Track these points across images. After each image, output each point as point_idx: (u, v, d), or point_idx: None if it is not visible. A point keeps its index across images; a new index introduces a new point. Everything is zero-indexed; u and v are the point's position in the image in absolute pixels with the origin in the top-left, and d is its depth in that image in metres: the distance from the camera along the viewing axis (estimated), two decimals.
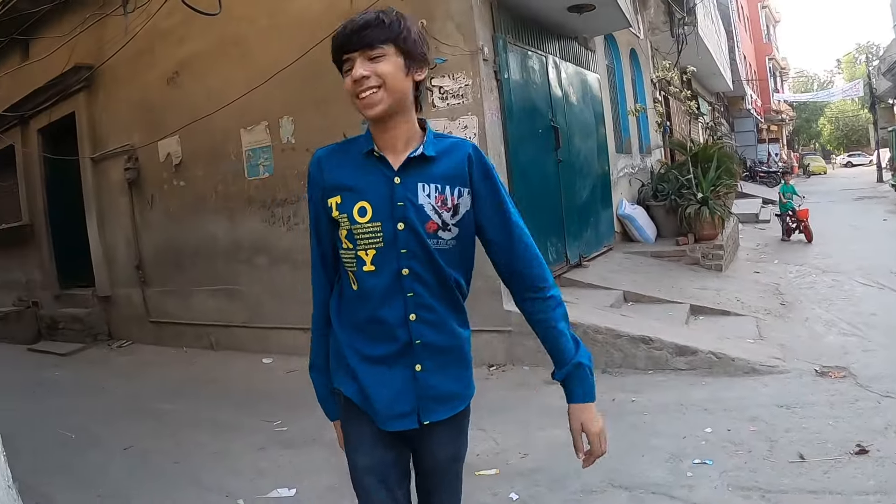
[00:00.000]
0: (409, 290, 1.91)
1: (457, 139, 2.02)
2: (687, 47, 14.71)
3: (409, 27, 1.89)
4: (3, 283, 13.31)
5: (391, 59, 1.85)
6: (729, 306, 7.52)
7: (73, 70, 10.07)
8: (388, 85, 1.84)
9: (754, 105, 37.20)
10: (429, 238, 1.90)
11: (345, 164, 1.98)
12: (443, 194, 1.92)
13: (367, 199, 1.91)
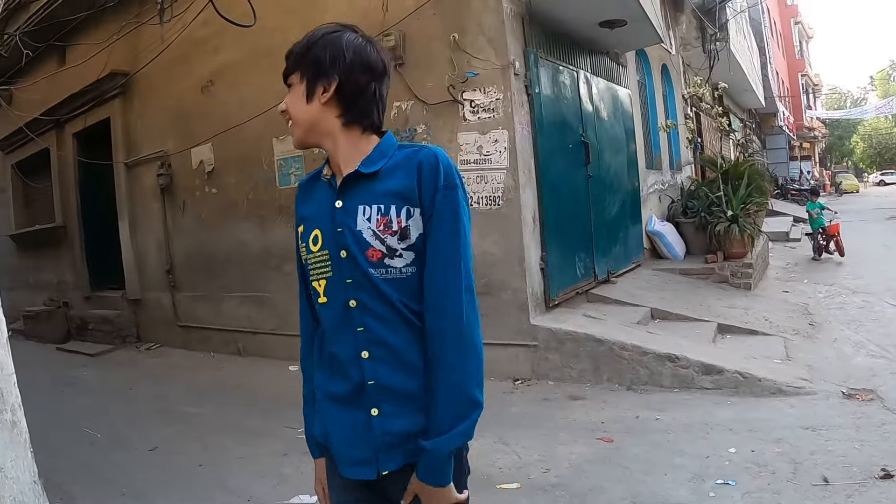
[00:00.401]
0: (360, 325, 1.74)
1: (417, 147, 1.81)
2: (719, 63, 14.63)
3: (316, 46, 1.78)
4: (35, 283, 13.53)
5: (295, 89, 1.79)
6: (757, 325, 7.46)
7: (109, 76, 10.22)
8: (293, 117, 1.80)
9: (786, 122, 36.88)
10: (372, 268, 1.71)
11: (311, 191, 1.90)
12: (386, 216, 1.72)
13: (319, 226, 1.81)
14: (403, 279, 1.72)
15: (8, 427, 2.57)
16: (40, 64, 11.43)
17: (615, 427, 5.08)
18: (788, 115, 38.67)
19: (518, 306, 6.49)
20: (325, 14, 7.39)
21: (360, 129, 1.80)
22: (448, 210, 1.72)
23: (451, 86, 6.64)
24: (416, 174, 1.73)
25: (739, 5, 16.30)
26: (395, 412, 1.73)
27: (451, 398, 1.67)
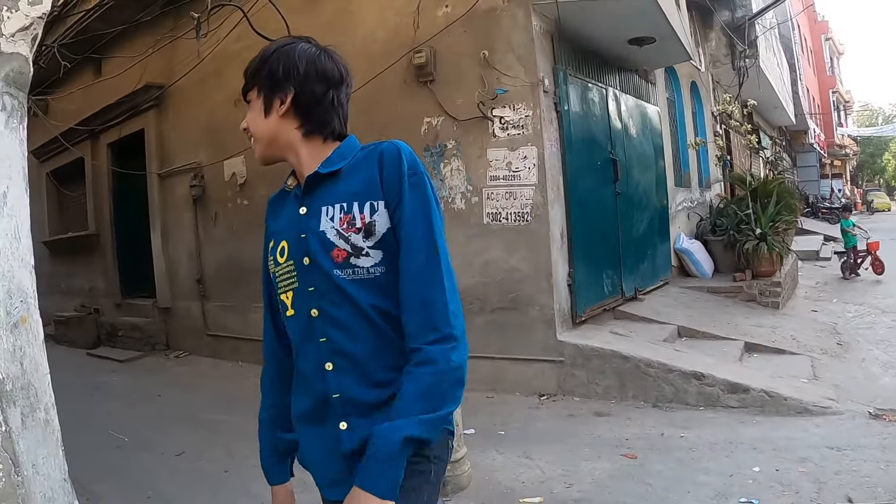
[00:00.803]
0: (322, 335, 1.68)
1: (378, 143, 1.73)
2: (748, 80, 14.60)
3: (270, 60, 1.78)
4: (67, 288, 13.73)
5: (254, 105, 1.78)
6: (784, 345, 7.43)
7: (144, 89, 10.41)
8: (253, 134, 1.78)
9: (817, 139, 36.58)
10: (338, 268, 1.64)
11: (280, 205, 1.87)
12: (349, 213, 1.66)
13: (286, 237, 1.77)
14: (371, 279, 1.64)
15: (41, 425, 2.65)
16: (76, 75, 11.62)
17: (639, 444, 5.10)
18: (819, 133, 38.35)
19: (545, 322, 6.53)
20: (357, 30, 7.51)
21: (322, 139, 1.78)
22: (417, 198, 1.65)
23: (481, 102, 6.71)
24: (377, 166, 1.68)
25: (769, 22, 16.25)
26: (365, 425, 1.61)
27: (424, 384, 1.55)
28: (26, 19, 2.50)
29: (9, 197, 2.55)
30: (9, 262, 2.53)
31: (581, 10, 6.74)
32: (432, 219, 1.66)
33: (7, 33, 2.45)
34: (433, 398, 1.54)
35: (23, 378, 2.56)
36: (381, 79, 7.10)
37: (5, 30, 2.44)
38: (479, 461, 4.82)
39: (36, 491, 2.50)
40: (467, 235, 6.90)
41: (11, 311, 2.53)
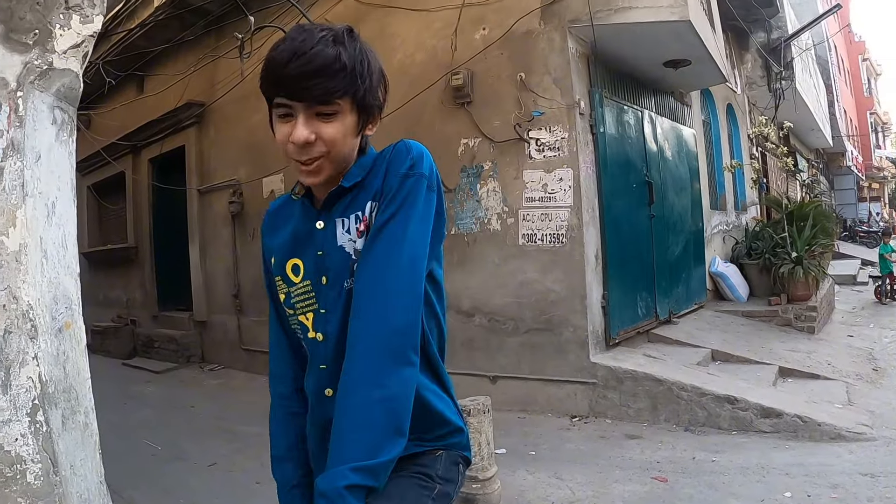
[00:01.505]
0: (323, 361, 1.56)
1: (393, 144, 1.57)
2: (784, 102, 14.49)
3: (371, 70, 1.49)
4: (105, 299, 13.94)
5: (344, 118, 1.47)
6: (819, 370, 7.35)
7: (186, 106, 10.59)
8: (333, 154, 1.48)
9: (854, 162, 36.08)
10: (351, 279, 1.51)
11: (284, 216, 1.71)
12: (366, 215, 1.51)
13: (297, 254, 1.61)
14: None
15: (80, 428, 2.70)
16: (120, 91, 11.87)
17: (670, 467, 5.07)
18: (857, 155, 37.81)
19: (578, 344, 6.53)
20: (396, 52, 7.60)
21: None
22: (403, 193, 1.48)
23: (518, 124, 6.75)
24: (385, 164, 1.53)
25: (805, 43, 16.13)
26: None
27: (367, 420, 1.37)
28: (78, 37, 2.58)
29: (57, 207, 2.63)
30: (56, 270, 2.60)
31: (617, 33, 6.77)
32: (413, 217, 1.48)
33: (59, 50, 2.52)
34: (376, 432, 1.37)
35: (65, 381, 2.62)
36: (419, 100, 7.20)
37: (58, 47, 2.52)
38: (510, 481, 4.83)
39: (73, 491, 2.55)
40: (503, 256, 6.93)
41: (56, 316, 2.60)
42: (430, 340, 1.63)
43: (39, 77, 2.47)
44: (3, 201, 2.36)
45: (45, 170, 2.55)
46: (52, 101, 2.58)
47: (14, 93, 2.39)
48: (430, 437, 1.61)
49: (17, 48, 2.42)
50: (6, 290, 2.36)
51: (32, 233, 2.44)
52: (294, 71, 1.39)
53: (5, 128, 2.35)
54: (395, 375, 1.39)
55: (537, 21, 6.75)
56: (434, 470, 1.58)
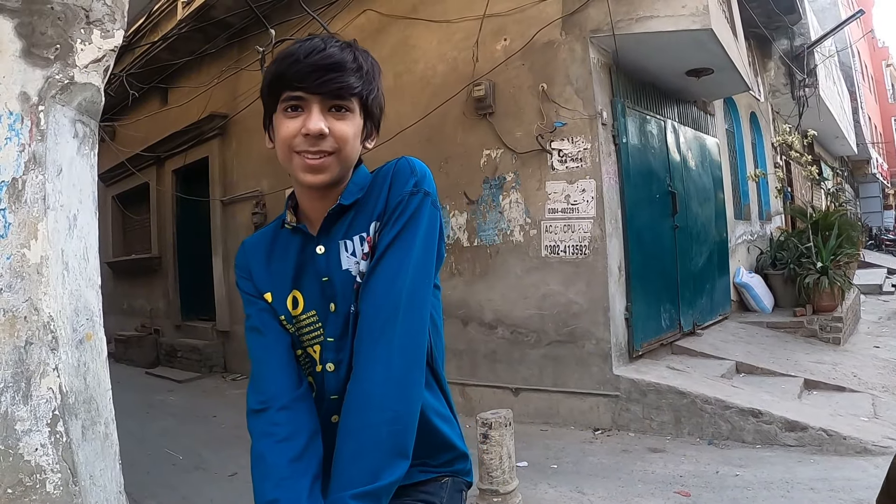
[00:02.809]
0: (335, 392, 1.52)
1: (393, 161, 1.54)
2: (808, 110, 14.37)
3: (378, 79, 1.53)
4: (129, 309, 14.10)
5: (354, 118, 1.47)
6: (844, 382, 7.24)
7: (209, 118, 10.68)
8: (342, 153, 1.46)
9: (880, 169, 35.70)
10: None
11: (269, 250, 1.64)
12: (370, 235, 1.49)
13: (295, 285, 1.56)
14: None
15: (101, 438, 2.72)
16: (144, 103, 12.03)
17: (694, 482, 5.01)
18: (882, 162, 37.41)
19: (601, 356, 6.48)
20: (418, 63, 7.62)
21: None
22: (408, 211, 1.46)
23: (540, 135, 6.73)
24: (388, 182, 1.50)
25: (828, 49, 16.00)
26: None
27: (370, 443, 1.35)
28: (99, 51, 2.60)
29: (79, 220, 2.64)
30: (77, 282, 2.62)
31: (638, 43, 6.74)
32: (418, 237, 1.47)
33: (80, 65, 2.54)
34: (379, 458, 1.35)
35: (85, 392, 2.63)
36: (441, 111, 7.21)
37: (79, 61, 2.54)
38: (531, 495, 4.80)
39: (92, 501, 2.56)
40: (525, 268, 6.90)
41: (77, 328, 2.61)
42: (436, 357, 1.59)
43: (61, 91, 2.49)
44: (24, 214, 2.37)
45: (67, 183, 2.57)
46: (73, 114, 2.60)
47: (36, 107, 2.41)
48: (435, 462, 1.59)
49: (39, 63, 2.44)
50: (27, 302, 2.37)
51: (54, 245, 2.45)
52: (313, 64, 1.40)
53: (27, 142, 2.37)
54: (400, 397, 1.37)
55: (558, 31, 6.73)
56: (439, 498, 1.56)
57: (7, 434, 2.35)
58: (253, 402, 1.57)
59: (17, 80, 2.40)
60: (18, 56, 2.41)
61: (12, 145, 2.37)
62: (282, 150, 1.48)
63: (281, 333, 1.59)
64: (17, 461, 2.35)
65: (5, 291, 2.36)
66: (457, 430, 1.65)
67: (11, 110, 2.38)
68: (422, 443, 1.47)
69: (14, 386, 2.36)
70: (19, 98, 2.40)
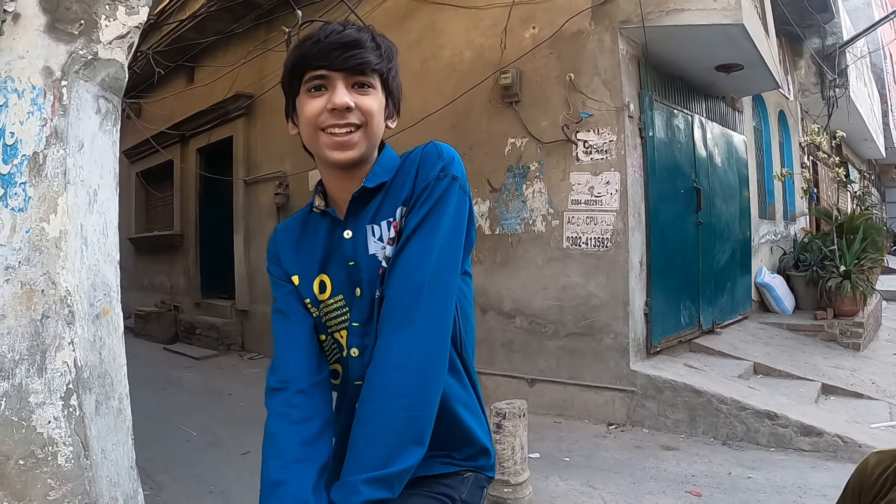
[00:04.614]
0: (359, 378, 1.48)
1: (421, 146, 1.54)
2: (837, 111, 14.17)
3: (396, 60, 1.55)
4: (149, 285, 14.22)
5: (377, 94, 1.49)
6: (863, 388, 7.16)
7: (234, 97, 10.69)
8: (369, 126, 1.47)
9: None
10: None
11: (299, 234, 1.65)
12: (397, 220, 1.48)
13: (324, 269, 1.57)
14: None
15: (114, 413, 2.74)
16: (169, 81, 12.08)
17: (706, 482, 4.98)
18: None
19: (619, 351, 6.45)
20: (444, 49, 7.58)
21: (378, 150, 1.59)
22: (435, 195, 1.45)
23: (566, 125, 6.68)
24: (415, 167, 1.50)
25: (860, 50, 15.76)
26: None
27: (385, 428, 1.34)
28: (123, 28, 2.60)
29: (99, 195, 2.65)
30: (95, 257, 2.63)
31: (668, 36, 6.67)
32: (443, 223, 1.45)
33: (104, 41, 2.54)
34: (392, 443, 1.34)
35: (100, 367, 2.65)
36: (467, 98, 7.17)
37: (103, 37, 2.54)
38: (542, 487, 4.79)
39: (103, 475, 2.58)
40: (546, 258, 6.87)
41: (94, 302, 2.63)
42: (465, 345, 1.58)
43: (84, 67, 2.49)
44: (45, 188, 2.38)
45: (88, 158, 2.57)
46: (96, 90, 2.60)
47: (58, 82, 2.41)
48: (460, 456, 1.57)
49: (63, 38, 2.44)
50: (45, 276, 2.38)
51: (73, 220, 2.46)
52: (333, 42, 1.44)
53: (49, 116, 2.37)
54: (418, 383, 1.36)
55: (588, 21, 6.67)
56: (459, 493, 1.55)
57: (21, 406, 2.36)
58: (272, 381, 1.59)
59: (41, 54, 2.40)
60: (42, 31, 2.41)
61: (34, 119, 2.38)
62: (307, 129, 1.50)
63: (305, 317, 1.61)
64: (29, 433, 2.37)
65: (23, 264, 2.37)
66: (483, 425, 1.63)
67: (34, 84, 2.38)
68: (446, 434, 1.49)
69: (29, 358, 2.37)
70: (42, 73, 2.40)
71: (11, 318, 2.33)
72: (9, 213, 2.32)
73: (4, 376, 2.32)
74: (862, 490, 1.73)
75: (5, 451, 2.32)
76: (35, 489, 2.36)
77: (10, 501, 2.31)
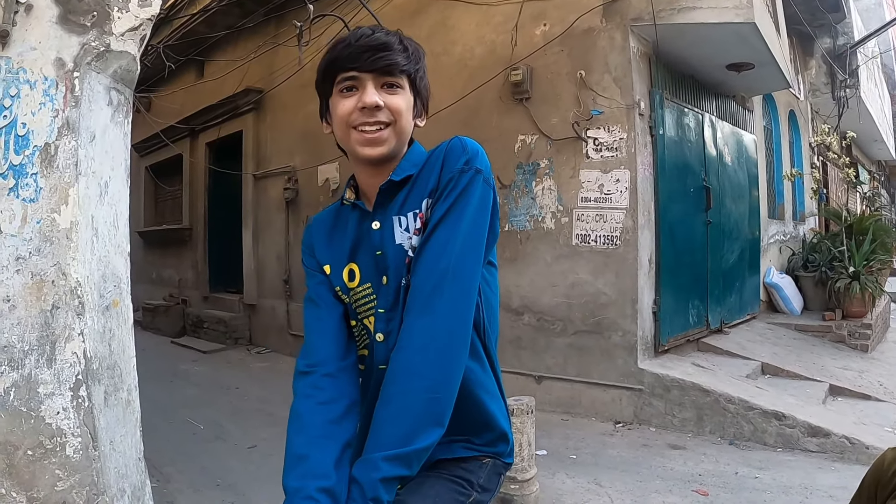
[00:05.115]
0: (384, 362, 1.54)
1: (446, 141, 1.60)
2: (848, 111, 14.09)
3: (423, 62, 1.63)
4: (158, 278, 14.29)
5: (406, 94, 1.57)
6: (870, 390, 7.12)
7: (244, 92, 10.72)
8: (398, 124, 1.56)
9: None
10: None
11: (332, 226, 1.74)
12: (422, 212, 1.54)
13: (353, 258, 1.64)
14: None
15: (122, 405, 2.74)
16: (180, 75, 12.09)
17: (712, 481, 4.97)
18: None
19: (627, 349, 6.44)
20: (455, 45, 7.57)
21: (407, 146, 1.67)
22: (459, 188, 1.51)
23: (576, 122, 6.66)
24: (440, 161, 1.56)
25: (872, 51, 15.68)
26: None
27: (406, 408, 1.40)
28: (135, 20, 2.60)
29: (110, 187, 2.65)
30: (106, 248, 2.63)
31: (680, 34, 6.64)
32: (463, 219, 1.50)
33: (117, 33, 2.54)
34: (415, 423, 1.40)
35: (109, 359, 2.65)
36: (477, 94, 7.16)
37: (115, 29, 2.54)
38: (549, 483, 4.78)
39: (111, 466, 2.59)
40: (555, 255, 6.86)
41: (104, 294, 2.63)
42: (488, 334, 1.67)
43: (96, 58, 2.49)
44: (56, 179, 2.38)
45: (100, 150, 2.57)
46: (108, 82, 2.60)
47: (70, 73, 2.42)
48: (479, 441, 1.63)
49: (75, 29, 2.44)
50: (55, 266, 2.39)
51: (84, 211, 2.46)
52: (363, 45, 1.52)
53: (61, 107, 2.37)
54: (439, 365, 1.42)
55: (599, 18, 6.65)
56: (477, 477, 1.60)
57: (29, 396, 2.37)
58: (301, 364, 1.65)
59: (53, 45, 2.40)
60: (55, 22, 2.41)
61: (46, 110, 2.38)
62: (340, 128, 1.60)
63: (334, 306, 1.69)
64: (38, 424, 2.38)
65: (34, 255, 2.37)
66: (503, 410, 1.69)
67: (46, 76, 2.39)
68: (467, 418, 1.57)
69: (39, 349, 2.38)
70: (54, 64, 2.41)
71: (21, 309, 2.34)
72: (20, 204, 2.33)
73: (14, 366, 2.33)
74: (878, 485, 1.73)
75: (14, 442, 2.33)
76: (43, 479, 2.36)
77: (17, 492, 2.32)
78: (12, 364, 2.32)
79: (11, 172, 2.31)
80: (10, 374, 2.32)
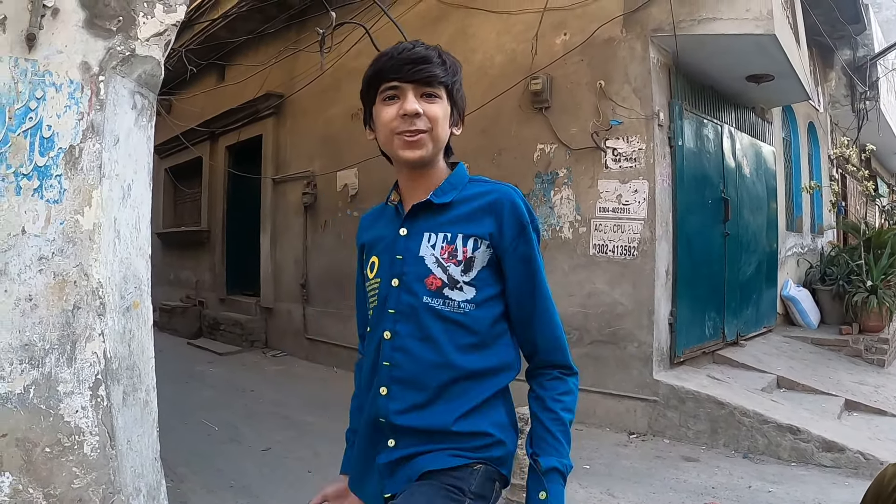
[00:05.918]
0: (387, 359, 1.68)
1: (493, 185, 1.75)
2: (868, 123, 13.97)
3: (459, 74, 1.77)
4: (175, 280, 14.34)
5: (443, 103, 1.70)
6: (886, 405, 7.05)
7: (264, 97, 10.75)
8: (435, 132, 1.69)
9: None
10: (430, 296, 1.65)
11: (377, 219, 1.91)
12: (452, 244, 1.67)
13: (377, 252, 1.80)
14: (458, 315, 1.65)
15: (141, 405, 2.77)
16: (201, 79, 12.15)
17: (725, 494, 4.94)
18: None
19: (642, 360, 6.41)
20: (475, 53, 7.58)
21: (446, 161, 1.82)
22: (535, 249, 1.74)
23: (595, 132, 6.66)
24: (491, 211, 1.69)
25: (892, 63, 15.56)
26: (409, 444, 1.65)
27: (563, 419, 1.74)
28: (161, 26, 2.63)
29: (133, 189, 2.68)
30: (127, 250, 2.66)
31: (700, 45, 6.64)
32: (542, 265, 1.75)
33: (142, 37, 2.58)
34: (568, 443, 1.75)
35: (129, 359, 2.68)
36: (497, 102, 7.17)
37: (141, 34, 2.57)
38: None
39: (127, 466, 2.61)
40: (572, 265, 6.85)
41: (125, 295, 2.66)
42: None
43: (122, 63, 2.53)
44: (80, 181, 2.41)
45: (123, 153, 2.60)
46: (133, 86, 2.63)
47: (96, 77, 2.45)
48: (468, 447, 1.67)
49: (101, 34, 2.47)
50: (78, 267, 2.41)
51: (107, 213, 2.49)
52: (405, 58, 1.66)
53: (86, 110, 2.41)
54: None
55: (619, 28, 6.65)
56: (468, 484, 1.62)
57: (49, 395, 2.40)
58: (360, 331, 1.97)
59: (79, 49, 2.44)
60: (81, 26, 2.44)
61: (71, 113, 2.41)
62: (383, 134, 1.73)
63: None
64: (56, 422, 2.40)
65: (57, 255, 2.40)
66: (501, 416, 1.80)
67: (72, 79, 2.42)
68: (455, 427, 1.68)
69: (59, 348, 2.40)
70: (80, 68, 2.44)
71: (43, 308, 2.37)
72: (44, 205, 2.36)
73: (34, 365, 2.36)
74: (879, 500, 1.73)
75: (32, 439, 2.36)
76: (60, 477, 2.39)
77: (35, 488, 2.35)
78: (33, 362, 2.35)
79: (36, 173, 2.34)
80: (31, 372, 2.35)
